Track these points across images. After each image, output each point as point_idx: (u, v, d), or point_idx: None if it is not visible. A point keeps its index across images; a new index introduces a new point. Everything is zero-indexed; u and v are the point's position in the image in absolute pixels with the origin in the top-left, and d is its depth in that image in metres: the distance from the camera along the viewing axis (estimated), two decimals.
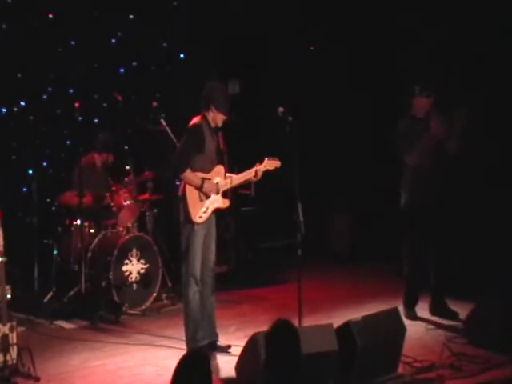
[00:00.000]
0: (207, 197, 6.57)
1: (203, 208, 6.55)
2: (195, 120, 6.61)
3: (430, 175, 7.20)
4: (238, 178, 6.79)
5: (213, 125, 6.63)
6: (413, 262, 7.43)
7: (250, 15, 10.37)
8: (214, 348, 6.64)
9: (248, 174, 6.79)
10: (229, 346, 6.68)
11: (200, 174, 6.55)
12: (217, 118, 6.61)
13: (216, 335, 6.73)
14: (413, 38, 9.43)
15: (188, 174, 6.48)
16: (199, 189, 6.52)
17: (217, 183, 6.63)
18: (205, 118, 6.61)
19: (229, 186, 6.75)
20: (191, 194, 6.52)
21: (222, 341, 6.73)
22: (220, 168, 6.72)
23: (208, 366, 4.06)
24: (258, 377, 5.30)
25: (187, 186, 6.51)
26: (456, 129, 7.10)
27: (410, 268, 7.45)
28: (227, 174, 6.77)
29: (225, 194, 6.77)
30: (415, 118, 7.35)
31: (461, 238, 8.09)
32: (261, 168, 6.77)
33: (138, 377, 6.19)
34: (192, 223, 6.50)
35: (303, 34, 10.50)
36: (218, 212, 6.73)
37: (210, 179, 6.58)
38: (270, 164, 6.83)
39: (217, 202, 6.65)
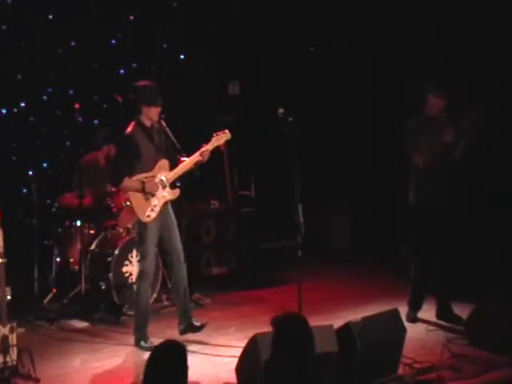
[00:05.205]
0: (152, 195, 6.72)
1: (149, 207, 6.72)
2: (128, 129, 6.76)
3: (435, 177, 7.15)
4: (184, 166, 6.84)
5: (148, 124, 6.75)
6: (419, 262, 7.41)
7: (250, 15, 10.37)
8: (194, 329, 6.89)
9: (194, 158, 6.81)
10: (205, 324, 6.93)
11: (142, 175, 6.69)
12: (150, 114, 6.73)
13: (191, 318, 6.95)
14: (415, 38, 9.44)
15: (126, 182, 6.68)
16: (142, 191, 6.69)
17: (161, 180, 6.74)
18: (137, 122, 6.74)
19: (176, 176, 6.84)
20: (134, 198, 6.75)
21: (223, 342, 6.77)
22: (163, 162, 6.82)
23: (184, 356, 4.04)
24: (258, 378, 5.30)
25: (129, 193, 6.77)
26: (463, 140, 7.09)
27: (417, 269, 7.43)
28: (183, 159, 6.83)
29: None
30: (428, 117, 7.29)
31: (462, 239, 8.08)
32: (208, 147, 6.80)
33: (138, 378, 6.18)
34: (143, 223, 6.72)
35: (303, 34, 10.49)
36: (218, 213, 6.78)
37: (153, 177, 6.71)
38: (218, 139, 6.86)
39: (165, 196, 6.80)
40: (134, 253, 7.95)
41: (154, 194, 6.72)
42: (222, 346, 6.78)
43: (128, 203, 8.12)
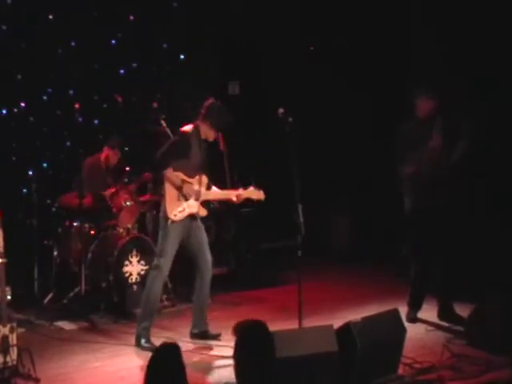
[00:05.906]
0: (186, 199, 6.76)
1: (180, 208, 6.74)
2: (187, 128, 6.83)
3: (429, 180, 7.15)
4: (219, 194, 7.04)
5: (203, 137, 6.84)
6: (419, 262, 7.41)
7: (250, 15, 10.38)
8: (207, 337, 6.95)
9: (229, 195, 7.02)
10: (219, 334, 6.98)
11: (182, 176, 6.74)
12: (208, 132, 6.84)
13: (207, 325, 7.04)
14: (415, 38, 9.44)
15: (169, 172, 6.69)
16: (179, 189, 6.71)
17: (199, 190, 6.81)
18: (197, 127, 6.81)
19: (208, 198, 6.99)
20: (170, 192, 6.74)
21: (223, 342, 6.79)
22: (204, 178, 6.91)
23: (180, 357, 4.18)
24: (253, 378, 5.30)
25: (167, 184, 6.73)
26: (457, 152, 7.10)
27: (417, 269, 7.42)
28: (213, 188, 6.99)
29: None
30: (419, 120, 7.29)
31: (462, 239, 8.08)
32: (244, 194, 6.98)
33: (137, 378, 6.16)
34: (168, 219, 6.70)
35: (303, 34, 10.50)
36: (218, 213, 6.80)
37: (191, 183, 6.77)
38: (253, 193, 7.03)
39: (194, 207, 6.83)
40: (134, 253, 7.97)
41: (188, 198, 6.77)
42: (222, 346, 6.78)
43: (128, 203, 8.15)
